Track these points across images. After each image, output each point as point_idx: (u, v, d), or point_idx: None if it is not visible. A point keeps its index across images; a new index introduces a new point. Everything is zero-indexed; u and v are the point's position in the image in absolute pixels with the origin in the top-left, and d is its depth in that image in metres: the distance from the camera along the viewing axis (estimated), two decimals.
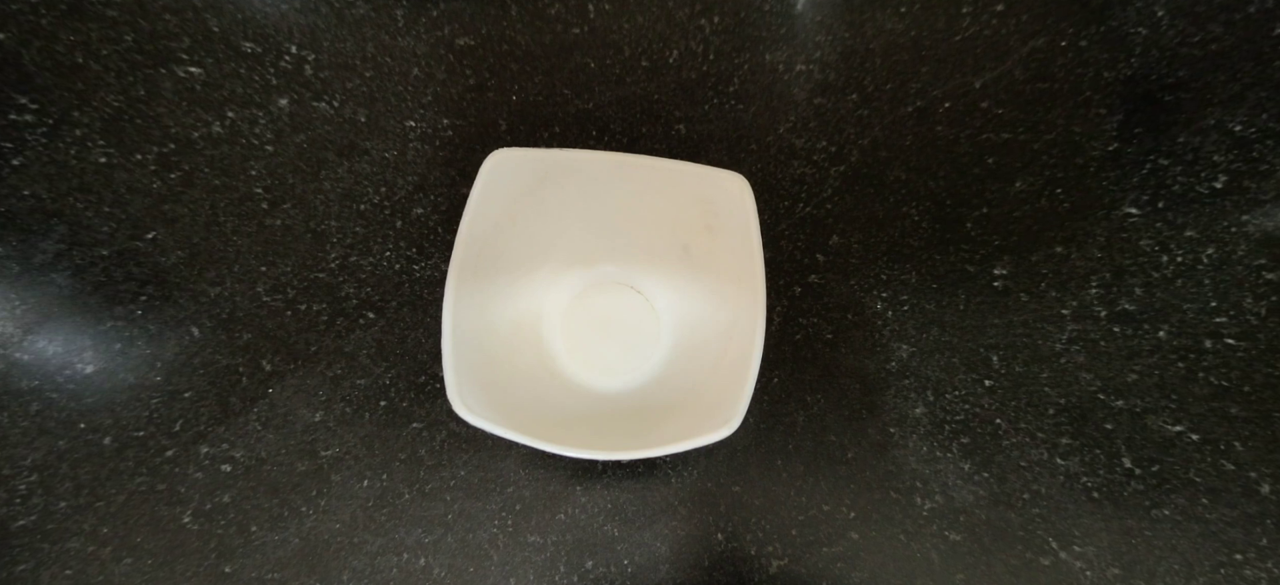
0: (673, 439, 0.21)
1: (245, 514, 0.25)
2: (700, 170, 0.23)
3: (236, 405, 0.26)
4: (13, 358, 0.26)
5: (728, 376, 0.22)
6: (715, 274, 0.24)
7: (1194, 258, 0.28)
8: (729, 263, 0.24)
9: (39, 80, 0.28)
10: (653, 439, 0.21)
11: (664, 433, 0.21)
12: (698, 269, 0.25)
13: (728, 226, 0.24)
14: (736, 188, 0.23)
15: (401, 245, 0.28)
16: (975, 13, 0.31)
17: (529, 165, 0.23)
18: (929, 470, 0.26)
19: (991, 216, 0.29)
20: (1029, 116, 0.30)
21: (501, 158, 0.23)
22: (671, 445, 0.21)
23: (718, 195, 0.24)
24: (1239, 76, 0.30)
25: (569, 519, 0.25)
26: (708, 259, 0.25)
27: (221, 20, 0.29)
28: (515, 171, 0.23)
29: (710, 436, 0.20)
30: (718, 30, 0.31)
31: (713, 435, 0.20)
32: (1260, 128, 0.29)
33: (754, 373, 0.21)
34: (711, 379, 0.23)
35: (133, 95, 0.28)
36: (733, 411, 0.20)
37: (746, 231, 0.23)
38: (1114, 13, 0.31)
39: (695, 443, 0.21)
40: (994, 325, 0.27)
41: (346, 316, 0.27)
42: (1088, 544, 0.25)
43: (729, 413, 0.21)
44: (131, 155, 0.28)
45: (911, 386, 0.27)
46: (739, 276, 0.23)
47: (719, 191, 0.23)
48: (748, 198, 0.23)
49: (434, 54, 0.30)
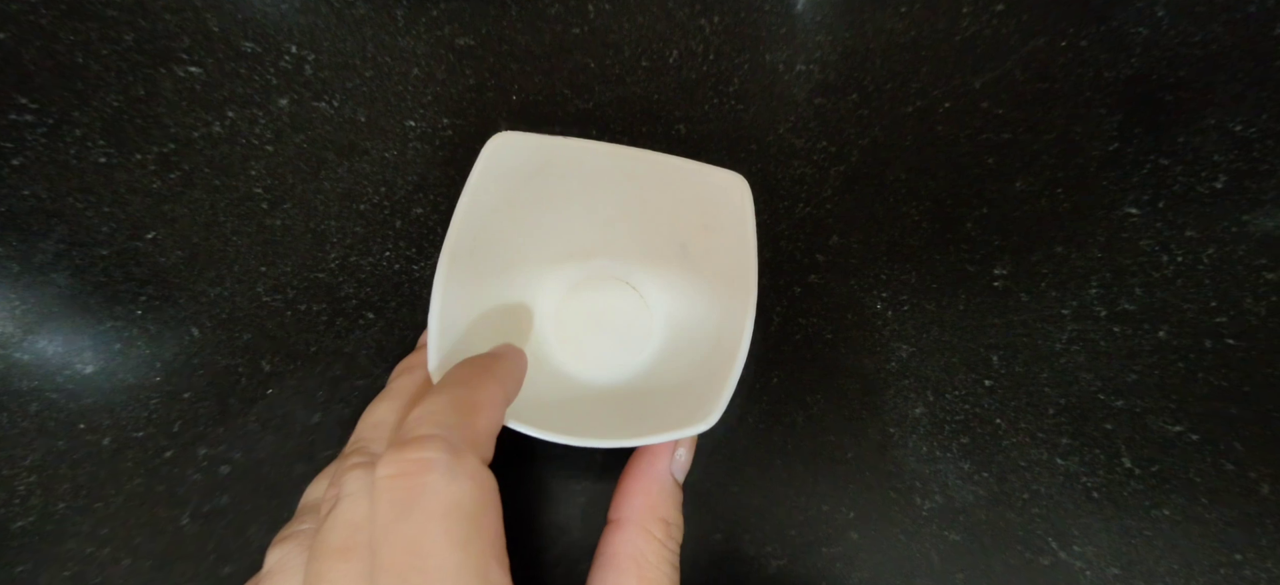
0: (656, 430, 0.21)
1: (244, 516, 0.25)
2: (701, 168, 0.23)
3: (235, 406, 0.26)
4: (12, 358, 0.26)
5: (715, 374, 0.22)
6: (711, 273, 0.24)
7: (1194, 258, 0.28)
8: (725, 262, 0.24)
9: (39, 80, 0.28)
10: (634, 430, 0.21)
11: (649, 424, 0.21)
12: (694, 267, 0.25)
13: (726, 226, 0.24)
14: (737, 187, 0.23)
15: (401, 245, 0.28)
16: (975, 13, 0.31)
17: (531, 151, 0.23)
18: (929, 470, 0.26)
19: (991, 216, 0.29)
20: (1029, 116, 0.30)
21: (504, 141, 0.23)
22: (650, 437, 0.21)
23: (717, 194, 0.24)
24: (1239, 76, 0.30)
25: (567, 518, 0.25)
26: (705, 258, 0.25)
27: (221, 20, 0.29)
28: (516, 156, 0.23)
29: (687, 429, 0.21)
30: (718, 30, 0.31)
31: (691, 428, 0.21)
32: (1260, 128, 0.29)
33: (737, 370, 0.21)
34: (698, 376, 0.23)
35: (133, 95, 0.28)
36: (713, 406, 0.21)
37: (743, 232, 0.23)
38: (1114, 13, 0.31)
39: (674, 435, 0.21)
40: (994, 325, 0.27)
41: (346, 316, 0.27)
42: (1087, 544, 0.25)
43: (710, 407, 0.21)
44: (131, 155, 0.28)
45: (911, 386, 0.27)
46: (733, 276, 0.23)
47: (719, 191, 0.24)
48: (747, 198, 0.23)
49: (434, 54, 0.30)
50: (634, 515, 0.21)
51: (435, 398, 0.18)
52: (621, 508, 0.21)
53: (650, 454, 0.22)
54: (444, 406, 0.17)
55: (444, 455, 0.16)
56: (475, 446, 0.17)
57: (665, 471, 0.21)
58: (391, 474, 0.15)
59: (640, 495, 0.21)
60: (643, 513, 0.21)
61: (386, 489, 0.15)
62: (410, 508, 0.15)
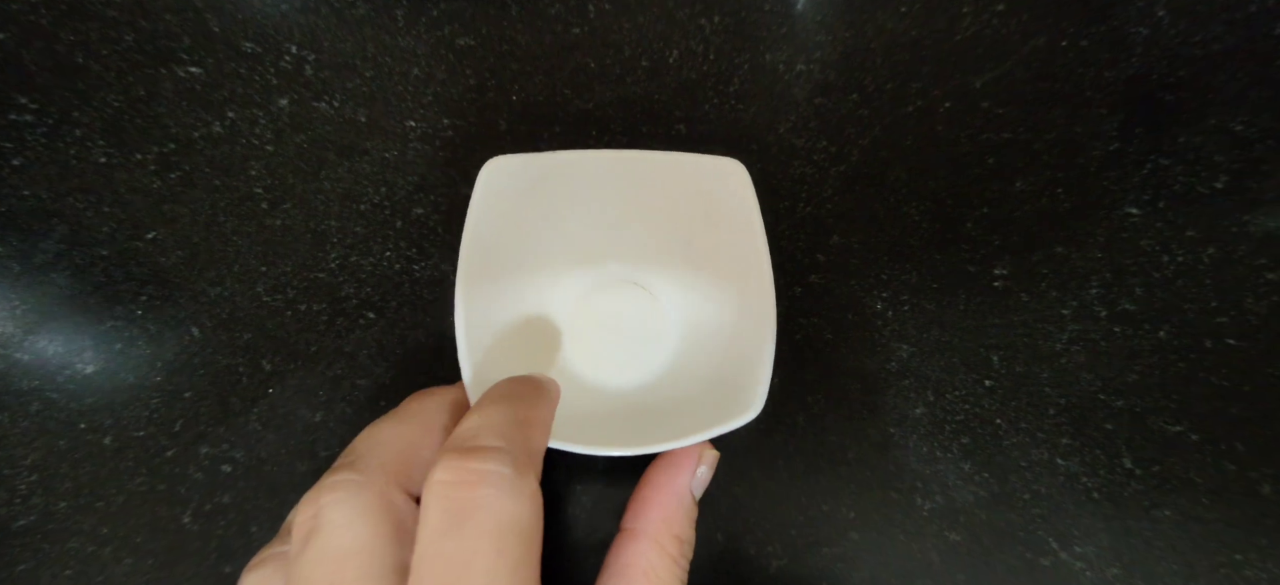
0: (693, 430, 0.21)
1: (245, 515, 0.25)
2: (696, 159, 0.23)
3: (236, 405, 0.26)
4: (13, 358, 0.26)
5: (741, 363, 0.22)
6: (720, 263, 0.24)
7: (1195, 258, 0.28)
8: (733, 251, 0.23)
9: (39, 80, 0.28)
10: (670, 432, 0.21)
11: (682, 425, 0.21)
12: (702, 259, 0.25)
13: (729, 214, 0.23)
14: (734, 173, 0.23)
15: (401, 245, 0.28)
16: (975, 13, 0.31)
17: (525, 170, 0.24)
18: (929, 470, 0.26)
19: (992, 216, 0.29)
20: (1029, 116, 0.30)
21: (497, 165, 0.23)
22: (692, 436, 0.21)
23: (715, 184, 0.24)
24: (1239, 76, 0.30)
25: (571, 519, 0.25)
26: (711, 249, 0.25)
27: (221, 20, 0.29)
28: (512, 178, 0.23)
29: (732, 422, 0.20)
30: (718, 30, 0.31)
31: (734, 421, 0.20)
32: (1261, 128, 0.29)
33: (770, 355, 0.21)
34: (723, 369, 0.23)
35: (133, 95, 0.28)
36: (753, 395, 0.20)
37: (747, 216, 0.23)
38: (1114, 13, 0.31)
39: (716, 431, 0.20)
40: (994, 325, 0.27)
41: (346, 316, 0.27)
42: (1088, 544, 0.25)
43: (749, 397, 0.20)
44: (132, 155, 0.28)
45: (912, 386, 0.27)
46: (744, 263, 0.23)
47: (717, 180, 0.23)
48: (746, 183, 0.23)
49: (434, 54, 0.30)
50: (649, 528, 0.20)
51: (494, 407, 0.17)
52: (637, 518, 0.20)
53: (671, 467, 0.21)
54: (505, 419, 0.16)
55: (507, 470, 0.15)
56: (534, 465, 0.16)
57: (685, 487, 0.21)
58: (448, 480, 0.14)
59: (657, 508, 0.20)
60: (658, 526, 0.20)
61: (440, 496, 0.14)
62: (464, 521, 0.14)
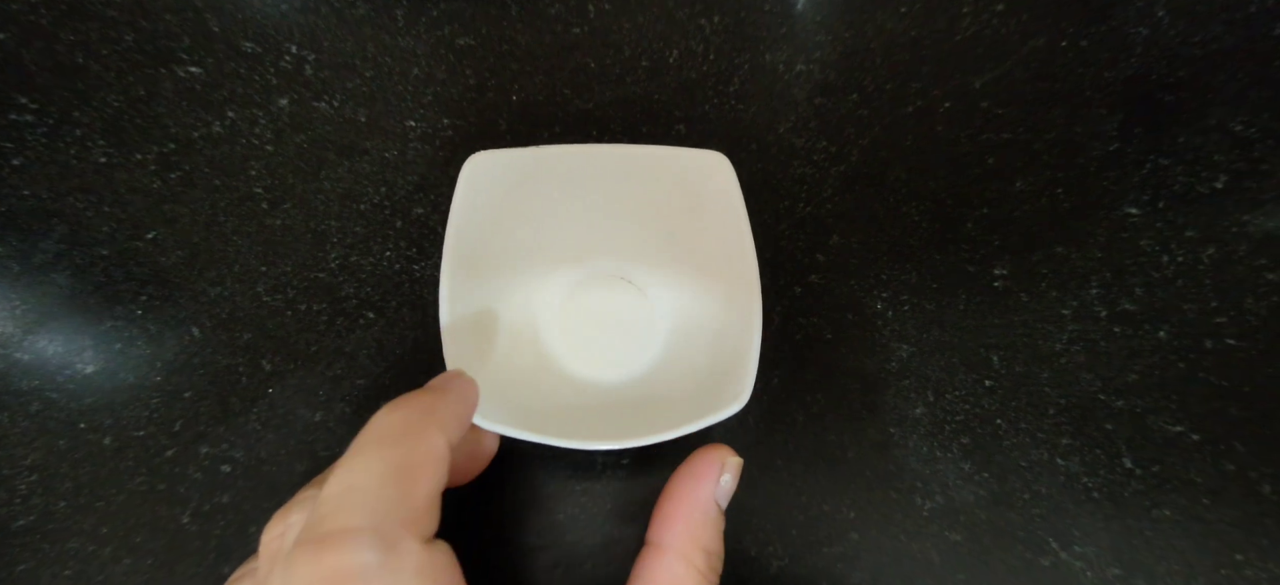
0: (681, 421, 0.20)
1: (244, 515, 0.25)
2: (677, 152, 0.23)
3: (236, 405, 0.26)
4: (13, 358, 0.26)
5: (729, 355, 0.22)
6: (704, 255, 0.24)
7: (1194, 258, 0.28)
8: (718, 243, 0.23)
9: (39, 80, 0.28)
10: (660, 424, 0.21)
11: (671, 417, 0.21)
12: (686, 252, 0.25)
13: (711, 205, 0.23)
14: (718, 166, 0.23)
15: (401, 245, 0.28)
16: (975, 13, 0.31)
17: (507, 166, 0.24)
18: (929, 470, 0.26)
19: (992, 216, 0.29)
20: (1029, 116, 0.30)
21: (478, 161, 0.23)
22: (683, 427, 0.20)
23: (697, 176, 0.24)
24: (1239, 76, 0.30)
25: (568, 519, 0.25)
26: (695, 241, 0.25)
27: (221, 20, 0.29)
28: (494, 174, 0.23)
29: (720, 413, 0.20)
30: (718, 30, 0.31)
31: (722, 412, 0.20)
32: (1261, 128, 0.29)
33: (757, 346, 0.21)
34: (711, 360, 0.23)
35: (133, 95, 0.28)
36: (741, 386, 0.20)
37: (730, 207, 0.23)
38: (1114, 13, 0.31)
39: (706, 421, 0.20)
40: (994, 325, 0.27)
41: (346, 316, 0.27)
42: (1088, 544, 0.25)
43: (738, 388, 0.20)
44: (132, 155, 0.28)
45: (912, 386, 0.27)
46: (730, 255, 0.23)
47: (699, 173, 0.23)
48: (730, 175, 0.23)
49: (434, 54, 0.30)
50: (675, 542, 0.19)
51: (360, 460, 0.14)
52: (662, 532, 0.19)
53: (692, 477, 0.20)
54: (374, 478, 0.14)
55: (373, 555, 0.12)
56: (415, 525, 0.14)
57: (709, 498, 0.20)
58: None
59: (682, 521, 0.19)
60: (685, 540, 0.19)
61: None
62: None
